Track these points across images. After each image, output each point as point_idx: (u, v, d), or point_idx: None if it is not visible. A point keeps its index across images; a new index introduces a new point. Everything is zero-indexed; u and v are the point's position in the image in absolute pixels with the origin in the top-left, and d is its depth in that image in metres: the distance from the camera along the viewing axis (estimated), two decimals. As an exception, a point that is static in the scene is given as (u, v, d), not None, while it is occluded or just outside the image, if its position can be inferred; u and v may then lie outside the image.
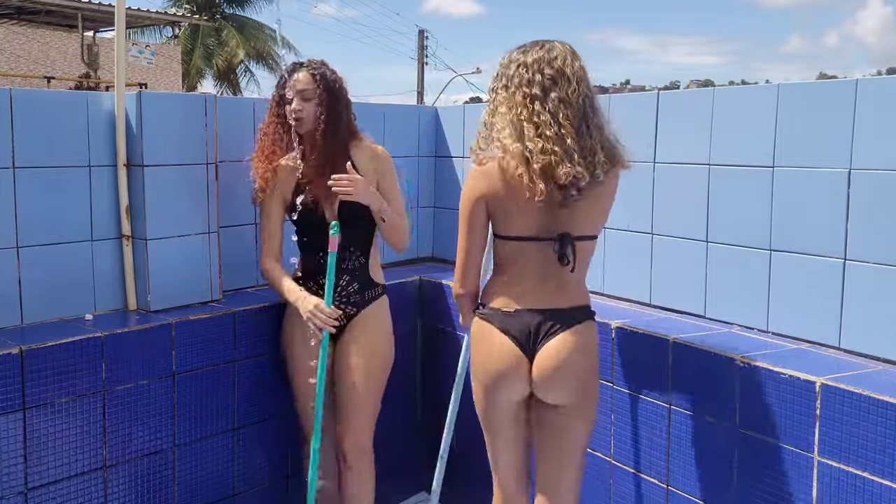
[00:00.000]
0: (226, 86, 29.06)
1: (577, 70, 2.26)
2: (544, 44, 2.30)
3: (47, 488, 2.57)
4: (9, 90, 2.64)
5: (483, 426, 2.49)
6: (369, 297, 2.92)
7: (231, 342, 3.00)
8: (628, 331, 2.74)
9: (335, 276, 2.80)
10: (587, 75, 2.29)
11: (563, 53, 2.27)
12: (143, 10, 18.81)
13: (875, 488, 2.11)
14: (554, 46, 2.29)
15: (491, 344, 2.36)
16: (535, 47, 2.30)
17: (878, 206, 2.35)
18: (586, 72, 2.29)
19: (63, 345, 2.56)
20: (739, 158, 2.70)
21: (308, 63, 2.90)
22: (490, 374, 2.38)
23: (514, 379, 2.34)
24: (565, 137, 2.20)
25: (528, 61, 2.26)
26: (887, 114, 2.32)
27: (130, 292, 2.95)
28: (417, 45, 29.98)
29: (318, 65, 2.89)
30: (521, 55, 2.30)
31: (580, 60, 2.29)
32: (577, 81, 2.24)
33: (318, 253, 2.84)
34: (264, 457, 3.18)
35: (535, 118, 2.22)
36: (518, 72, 2.27)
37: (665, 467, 2.65)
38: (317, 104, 2.83)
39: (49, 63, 18.50)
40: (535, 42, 2.32)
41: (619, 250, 3.13)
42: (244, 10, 30.29)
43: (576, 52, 2.31)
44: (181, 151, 2.97)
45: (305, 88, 2.83)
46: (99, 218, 2.87)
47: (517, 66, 2.28)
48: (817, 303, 2.51)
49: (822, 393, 2.21)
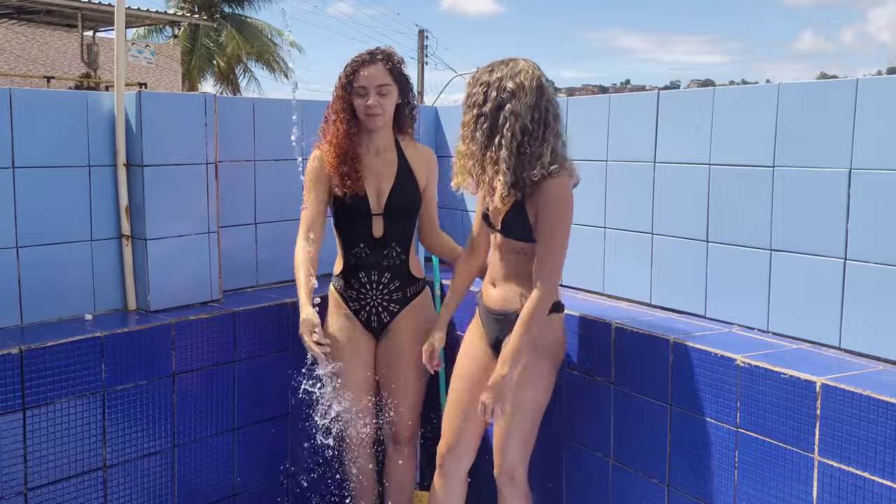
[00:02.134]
0: (226, 85, 29.05)
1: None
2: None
3: (47, 488, 2.56)
4: (9, 90, 2.64)
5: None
6: (411, 294, 2.93)
7: (231, 342, 3.00)
8: (628, 331, 2.74)
9: (377, 272, 2.84)
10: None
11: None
12: (143, 10, 18.80)
13: (875, 488, 2.10)
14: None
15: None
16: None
17: (878, 206, 2.35)
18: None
19: (63, 345, 2.56)
20: (739, 158, 2.70)
21: (383, 55, 2.81)
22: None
23: None
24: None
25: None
26: (887, 114, 2.32)
27: (130, 292, 2.95)
28: (417, 45, 29.97)
29: (395, 59, 2.83)
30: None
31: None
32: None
33: (360, 244, 2.85)
34: (264, 457, 3.17)
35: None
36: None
37: (665, 467, 2.65)
38: (391, 99, 2.80)
39: (49, 63, 18.49)
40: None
41: (619, 250, 3.13)
42: (243, 10, 30.29)
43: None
44: (181, 151, 2.97)
45: (382, 84, 2.77)
46: (99, 218, 2.87)
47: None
48: (817, 303, 2.51)
49: (823, 393, 2.21)
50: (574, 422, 2.96)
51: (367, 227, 2.84)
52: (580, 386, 2.93)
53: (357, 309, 2.91)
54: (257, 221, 3.35)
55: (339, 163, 2.79)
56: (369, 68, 2.77)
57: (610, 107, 3.13)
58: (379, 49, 2.84)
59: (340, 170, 2.79)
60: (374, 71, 2.77)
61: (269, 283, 3.41)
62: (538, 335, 2.56)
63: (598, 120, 3.15)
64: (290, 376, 3.16)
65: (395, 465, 3.05)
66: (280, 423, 3.19)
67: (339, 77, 2.83)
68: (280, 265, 3.43)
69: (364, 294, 2.88)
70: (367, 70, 2.76)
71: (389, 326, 2.92)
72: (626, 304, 3.08)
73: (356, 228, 2.84)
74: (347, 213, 2.84)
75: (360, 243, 2.85)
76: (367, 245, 2.84)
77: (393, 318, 2.91)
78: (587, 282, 3.26)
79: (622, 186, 3.11)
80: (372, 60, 2.78)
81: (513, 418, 2.62)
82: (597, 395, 2.86)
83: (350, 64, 2.81)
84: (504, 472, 2.70)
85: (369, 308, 2.90)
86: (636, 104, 3.08)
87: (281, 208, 3.38)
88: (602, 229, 3.19)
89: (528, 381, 2.60)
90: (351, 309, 2.91)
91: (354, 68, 2.78)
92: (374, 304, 2.89)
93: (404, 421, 2.98)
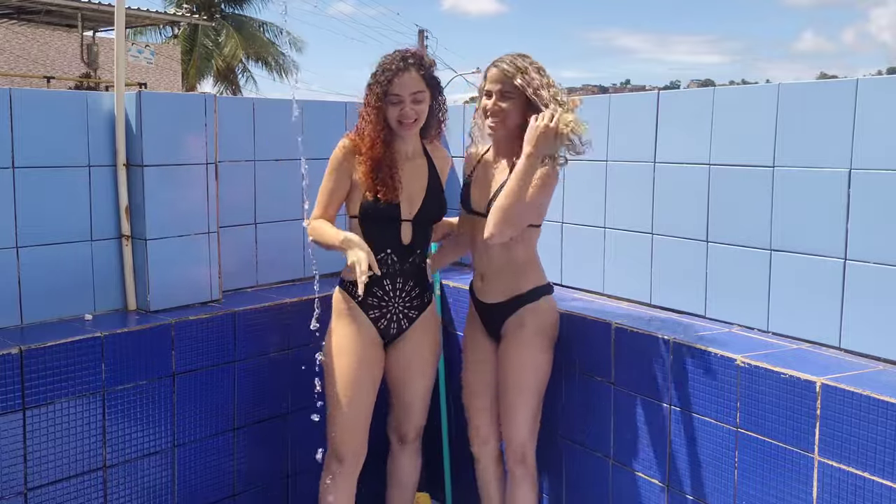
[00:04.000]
0: (225, 85, 29.04)
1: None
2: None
3: (47, 488, 2.56)
4: (9, 90, 2.64)
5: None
6: (427, 299, 2.89)
7: (231, 342, 3.00)
8: (628, 331, 2.74)
9: (402, 279, 2.77)
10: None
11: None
12: (143, 10, 18.79)
13: (875, 488, 2.11)
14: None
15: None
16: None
17: (878, 206, 2.35)
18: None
19: (63, 345, 2.56)
20: (739, 158, 2.70)
21: (415, 60, 2.72)
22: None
23: None
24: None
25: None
26: (887, 114, 2.32)
27: (130, 292, 2.95)
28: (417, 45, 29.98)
29: (427, 63, 2.75)
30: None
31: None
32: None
33: (387, 249, 2.74)
34: (264, 457, 3.17)
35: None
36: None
37: (665, 467, 2.65)
38: (426, 105, 2.73)
39: (49, 63, 18.48)
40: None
41: (619, 250, 3.13)
42: (243, 10, 30.28)
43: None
44: (181, 151, 2.97)
45: (417, 91, 2.70)
46: (99, 218, 2.87)
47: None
48: (817, 303, 2.51)
49: (823, 393, 2.21)
50: (574, 422, 2.97)
51: (396, 233, 2.75)
52: (580, 386, 2.93)
53: (377, 317, 2.79)
54: (257, 221, 3.35)
55: (374, 170, 2.69)
56: (403, 76, 2.68)
57: (610, 107, 3.13)
58: (409, 52, 2.74)
59: (375, 177, 2.69)
60: (407, 78, 2.68)
61: (269, 283, 3.41)
62: (536, 322, 2.75)
63: (598, 120, 3.15)
64: (291, 376, 3.17)
65: (400, 465, 3.05)
66: (280, 423, 3.19)
67: (371, 85, 2.72)
68: (280, 265, 3.43)
69: (387, 302, 2.78)
70: (400, 78, 2.68)
71: (406, 332, 2.87)
72: (626, 304, 3.08)
73: (385, 233, 2.74)
74: (377, 216, 2.73)
75: (387, 248, 2.74)
76: (394, 251, 2.75)
77: (411, 324, 2.85)
78: (587, 282, 3.26)
79: (622, 186, 3.11)
80: (405, 67, 2.68)
81: (518, 398, 2.76)
82: (597, 395, 2.86)
83: (383, 73, 2.69)
84: (513, 449, 2.81)
85: (390, 315, 2.80)
86: (636, 104, 3.08)
87: (281, 208, 3.38)
88: (602, 229, 3.19)
89: (527, 362, 2.75)
90: (371, 317, 2.79)
91: (389, 77, 2.68)
92: (396, 312, 2.80)
93: (417, 420, 2.99)
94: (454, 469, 3.48)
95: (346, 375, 2.75)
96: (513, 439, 2.81)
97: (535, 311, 2.76)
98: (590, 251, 3.23)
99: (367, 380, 2.79)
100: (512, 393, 2.77)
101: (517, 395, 2.76)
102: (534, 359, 2.76)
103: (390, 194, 2.69)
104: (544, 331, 2.78)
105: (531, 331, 2.75)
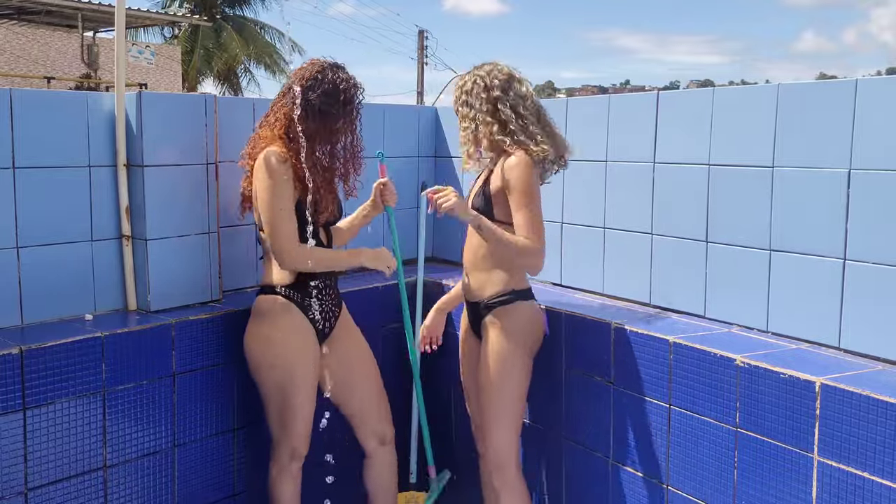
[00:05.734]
0: (226, 86, 29.04)
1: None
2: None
3: (47, 488, 2.57)
4: (9, 90, 2.64)
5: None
6: (339, 291, 2.99)
7: (231, 342, 3.00)
8: (628, 331, 2.75)
9: (333, 276, 2.89)
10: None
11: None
12: (143, 11, 18.81)
13: (875, 488, 2.11)
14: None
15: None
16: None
17: (878, 207, 2.35)
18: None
19: (63, 345, 2.56)
20: (739, 158, 2.70)
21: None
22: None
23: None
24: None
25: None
26: (887, 114, 2.32)
27: (130, 292, 2.95)
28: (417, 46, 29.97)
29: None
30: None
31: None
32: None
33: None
34: (264, 457, 3.17)
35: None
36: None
37: (665, 467, 2.65)
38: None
39: (49, 63, 18.50)
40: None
41: (619, 250, 3.13)
42: (243, 11, 30.29)
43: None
44: (181, 151, 2.97)
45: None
46: (99, 218, 2.87)
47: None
48: (817, 303, 2.51)
49: (822, 393, 2.21)
50: (574, 422, 2.97)
51: (329, 236, 2.91)
52: (580, 386, 2.93)
53: (315, 318, 2.82)
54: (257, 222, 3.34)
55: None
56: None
57: (610, 107, 3.13)
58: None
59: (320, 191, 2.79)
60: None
61: (269, 283, 3.40)
62: (508, 324, 2.75)
63: (598, 120, 3.16)
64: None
65: (379, 468, 3.05)
66: (280, 423, 3.19)
67: (346, 107, 2.79)
68: (280, 265, 3.43)
69: (323, 301, 2.83)
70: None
71: (334, 330, 2.92)
72: (626, 304, 3.09)
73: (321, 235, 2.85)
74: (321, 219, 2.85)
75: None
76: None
77: (336, 320, 2.92)
78: (587, 282, 3.27)
79: (622, 186, 3.11)
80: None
81: (495, 404, 2.75)
82: (597, 395, 2.87)
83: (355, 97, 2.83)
84: (490, 459, 2.78)
85: (325, 314, 2.86)
86: (636, 104, 3.08)
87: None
88: (602, 229, 3.19)
89: (496, 363, 2.75)
90: (310, 318, 2.80)
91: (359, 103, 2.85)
92: (328, 310, 2.87)
93: (387, 417, 3.04)
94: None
95: (301, 375, 2.78)
96: (487, 444, 2.80)
97: (508, 314, 2.77)
98: (589, 251, 3.23)
99: (315, 377, 2.85)
100: (483, 394, 2.79)
101: (486, 396, 2.77)
102: (503, 361, 2.75)
103: (332, 205, 2.86)
104: (515, 334, 2.76)
105: (503, 332, 2.76)
